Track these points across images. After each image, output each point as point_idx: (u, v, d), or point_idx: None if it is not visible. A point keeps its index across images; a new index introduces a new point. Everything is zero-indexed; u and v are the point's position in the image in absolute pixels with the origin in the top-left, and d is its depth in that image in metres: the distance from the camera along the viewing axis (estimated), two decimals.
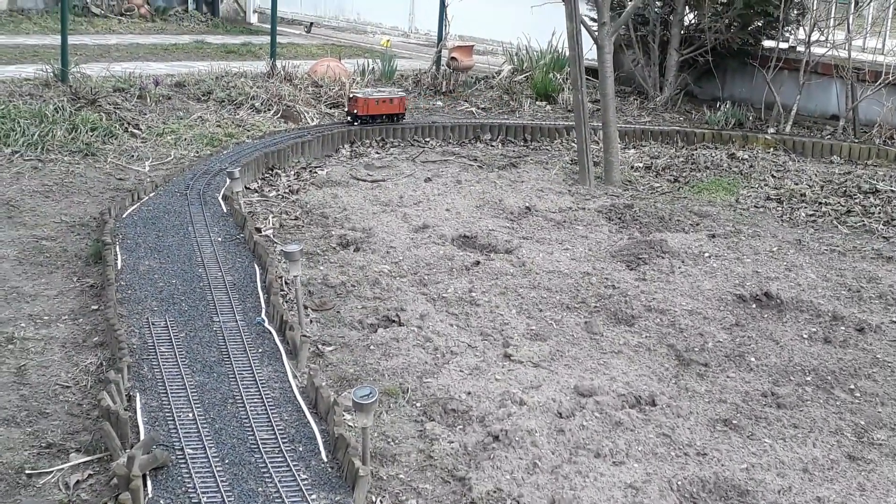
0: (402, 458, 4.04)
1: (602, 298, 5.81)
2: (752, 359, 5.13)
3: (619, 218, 7.48)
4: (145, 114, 9.36)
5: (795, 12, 11.75)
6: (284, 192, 7.74)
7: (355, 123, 9.69)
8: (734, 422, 4.44)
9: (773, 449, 4.25)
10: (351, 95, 9.85)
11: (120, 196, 7.01)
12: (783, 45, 11.73)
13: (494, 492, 3.78)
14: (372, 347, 5.02)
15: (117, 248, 5.83)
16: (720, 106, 11.47)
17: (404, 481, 3.88)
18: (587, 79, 8.83)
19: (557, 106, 11.79)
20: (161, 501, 3.46)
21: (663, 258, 6.48)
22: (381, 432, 4.20)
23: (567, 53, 10.72)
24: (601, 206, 7.77)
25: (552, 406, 4.45)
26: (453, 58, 12.54)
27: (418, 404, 4.48)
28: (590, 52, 9.42)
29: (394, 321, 5.35)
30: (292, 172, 8.35)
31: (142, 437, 3.85)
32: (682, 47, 12.02)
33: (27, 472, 3.75)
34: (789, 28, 11.87)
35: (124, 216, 6.49)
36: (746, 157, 9.82)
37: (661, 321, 5.51)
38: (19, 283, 5.52)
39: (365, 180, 8.24)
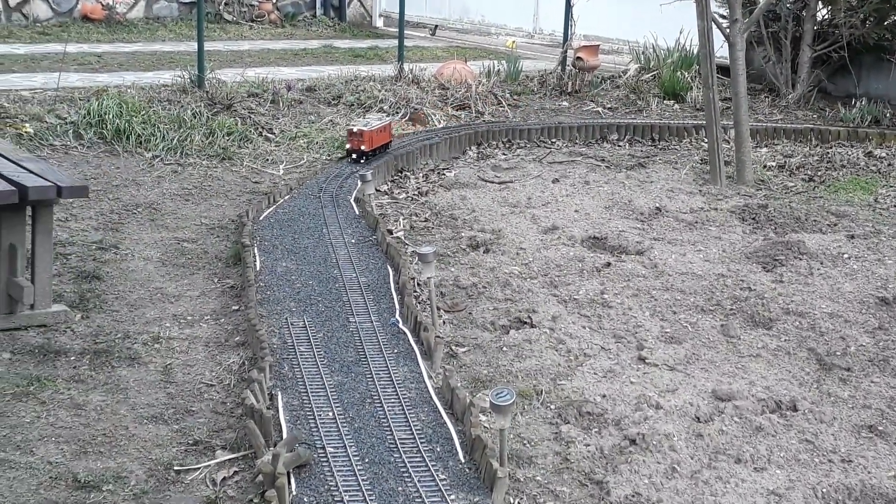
0: (538, 460, 4.04)
1: (738, 301, 5.71)
2: None
3: (753, 218, 7.34)
4: (278, 118, 9.57)
5: None
6: (414, 195, 7.82)
7: (361, 161, 8.08)
8: (880, 428, 4.32)
9: None
10: (355, 129, 8.11)
11: (256, 199, 7.19)
12: None
13: (633, 496, 3.76)
14: (505, 349, 5.03)
15: (256, 250, 5.98)
16: (855, 103, 11.15)
17: (541, 483, 3.88)
18: (717, 77, 8.67)
19: (686, 105, 11.62)
20: (305, 499, 3.54)
21: (801, 259, 6.33)
22: (516, 434, 4.21)
23: (696, 51, 10.57)
24: (734, 207, 7.64)
25: (689, 410, 4.40)
26: (579, 57, 12.46)
27: (553, 406, 4.47)
28: (720, 49, 9.26)
29: (526, 323, 5.36)
30: (421, 175, 8.43)
31: (284, 435, 3.95)
32: (815, 43, 11.72)
33: (175, 468, 3.88)
34: None
35: (261, 219, 6.65)
36: (884, 155, 9.52)
37: (800, 324, 5.39)
38: (163, 284, 5.71)
39: (493, 182, 8.27)
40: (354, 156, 8.07)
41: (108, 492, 3.68)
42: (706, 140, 9.01)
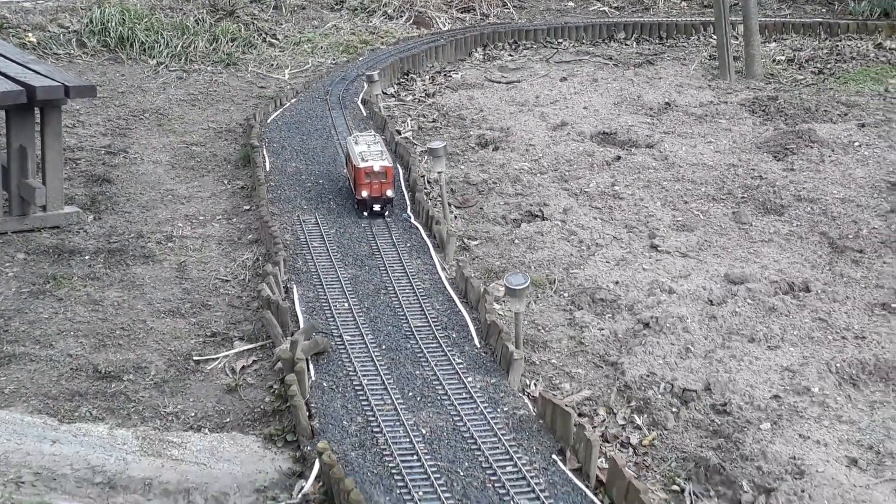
0: (553, 344, 4.07)
1: (749, 189, 5.69)
2: None
3: (763, 110, 7.28)
4: (281, 24, 9.49)
5: None
6: (420, 96, 7.77)
7: (385, 214, 5.17)
8: (893, 305, 4.33)
9: None
10: (376, 167, 5.11)
11: (263, 103, 7.15)
12: None
13: (648, 375, 3.79)
14: (517, 241, 5.04)
15: (265, 151, 5.97)
16: None
17: (557, 366, 3.92)
18: None
19: (693, 2, 11.46)
20: (324, 384, 3.58)
21: (812, 148, 6.30)
22: (530, 321, 4.23)
23: None
24: (744, 100, 7.57)
25: (702, 294, 4.41)
26: None
27: (566, 294, 4.49)
28: None
29: (537, 216, 5.36)
30: (427, 77, 8.36)
31: (301, 325, 3.98)
32: None
33: (195, 358, 3.92)
34: None
35: (269, 121, 6.62)
36: (894, 46, 9.40)
37: (811, 210, 5.38)
38: (174, 187, 5.70)
39: (500, 82, 8.20)
40: (378, 207, 5.16)
41: (128, 381, 3.73)
42: (714, 36, 8.91)
